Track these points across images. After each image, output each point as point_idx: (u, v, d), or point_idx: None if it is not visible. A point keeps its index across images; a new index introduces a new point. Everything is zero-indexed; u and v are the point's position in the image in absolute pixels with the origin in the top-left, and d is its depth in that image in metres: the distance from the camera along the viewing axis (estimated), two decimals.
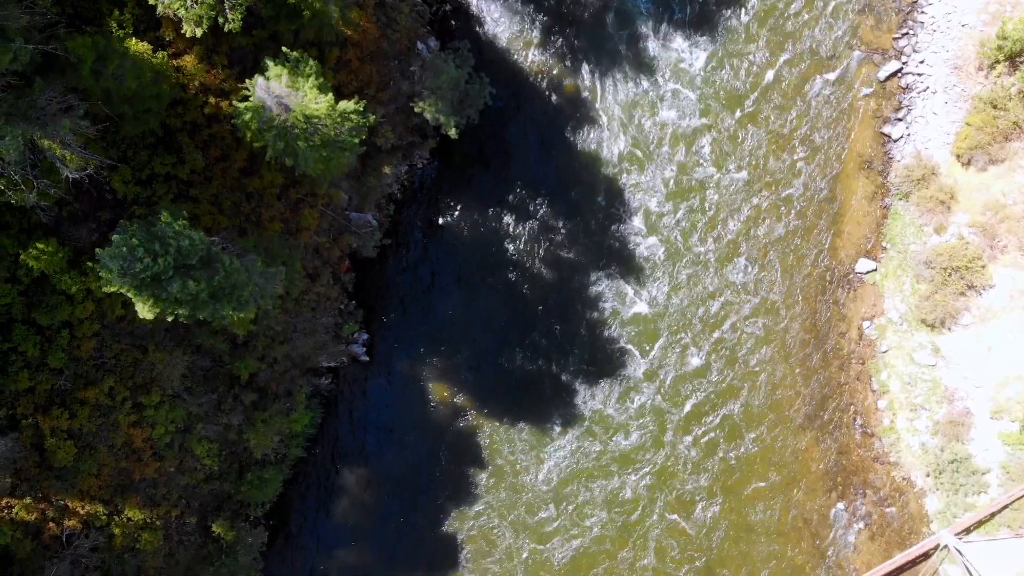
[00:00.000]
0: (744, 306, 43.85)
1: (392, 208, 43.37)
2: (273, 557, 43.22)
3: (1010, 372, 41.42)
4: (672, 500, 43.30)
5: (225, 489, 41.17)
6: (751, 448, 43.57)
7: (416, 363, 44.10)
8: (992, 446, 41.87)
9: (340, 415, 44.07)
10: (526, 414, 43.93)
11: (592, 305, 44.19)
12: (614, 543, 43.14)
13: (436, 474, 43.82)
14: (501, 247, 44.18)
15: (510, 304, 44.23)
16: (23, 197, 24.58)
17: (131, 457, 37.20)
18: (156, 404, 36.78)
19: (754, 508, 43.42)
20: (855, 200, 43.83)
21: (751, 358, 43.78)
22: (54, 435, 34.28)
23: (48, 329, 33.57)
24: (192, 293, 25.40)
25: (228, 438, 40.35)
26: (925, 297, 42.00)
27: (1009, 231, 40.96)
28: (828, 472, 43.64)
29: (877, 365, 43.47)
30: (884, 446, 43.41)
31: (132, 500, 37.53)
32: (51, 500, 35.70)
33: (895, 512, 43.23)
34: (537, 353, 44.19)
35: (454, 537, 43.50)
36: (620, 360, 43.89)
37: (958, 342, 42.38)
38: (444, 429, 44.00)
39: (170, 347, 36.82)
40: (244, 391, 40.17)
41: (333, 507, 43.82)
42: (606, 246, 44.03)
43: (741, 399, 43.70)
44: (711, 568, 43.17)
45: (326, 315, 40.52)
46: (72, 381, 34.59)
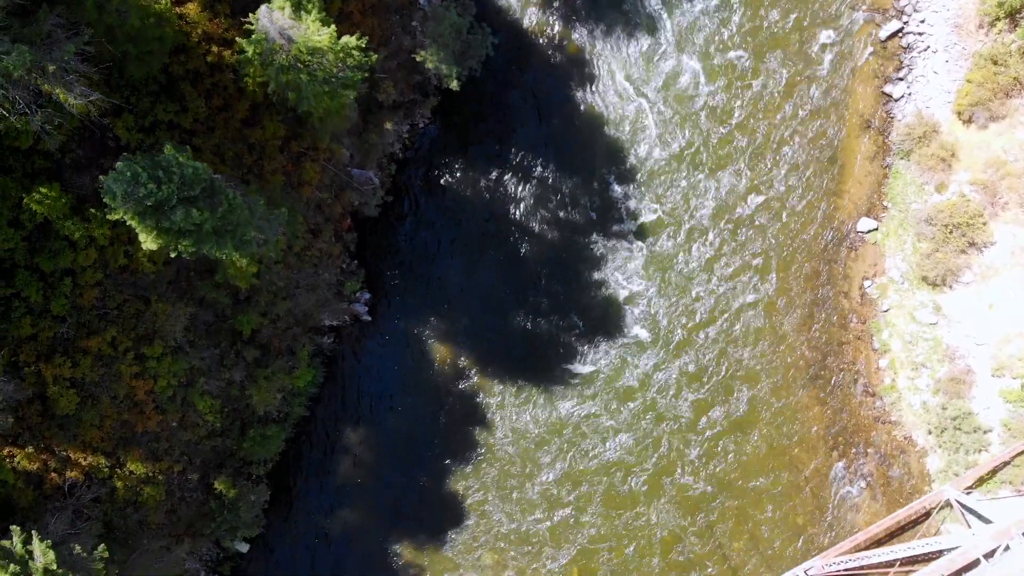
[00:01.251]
0: (745, 267, 43.89)
1: (393, 168, 43.45)
2: (275, 515, 43.24)
3: (1012, 329, 41.45)
4: (672, 459, 43.31)
5: (227, 446, 41.19)
6: (751, 408, 43.58)
7: (418, 323, 44.15)
8: (994, 404, 41.88)
9: (343, 375, 44.12)
10: (528, 375, 43.96)
11: (595, 266, 44.23)
12: (612, 501, 43.15)
13: (438, 434, 43.85)
14: (503, 208, 44.25)
15: (512, 265, 44.29)
16: (27, 121, 24.62)
17: (133, 409, 37.22)
18: (158, 356, 36.82)
19: (754, 468, 43.41)
20: (856, 160, 43.91)
21: (752, 318, 43.82)
22: (56, 383, 34.30)
23: (51, 276, 33.63)
24: (196, 223, 25.46)
25: (230, 394, 40.37)
26: (926, 255, 42.04)
27: (1010, 188, 41.01)
28: (829, 431, 43.66)
29: (878, 324, 43.51)
30: (885, 405, 43.43)
31: (134, 453, 37.55)
32: (53, 450, 35.75)
33: (896, 471, 43.23)
34: (539, 314, 44.23)
35: (456, 496, 43.53)
36: (622, 321, 43.94)
37: (959, 300, 42.42)
38: (446, 389, 44.04)
39: (173, 299, 36.88)
40: (246, 347, 40.23)
41: (335, 466, 43.86)
42: (609, 207, 44.10)
43: (741, 360, 43.73)
44: (712, 527, 43.16)
45: (328, 271, 40.59)
46: (75, 330, 34.64)
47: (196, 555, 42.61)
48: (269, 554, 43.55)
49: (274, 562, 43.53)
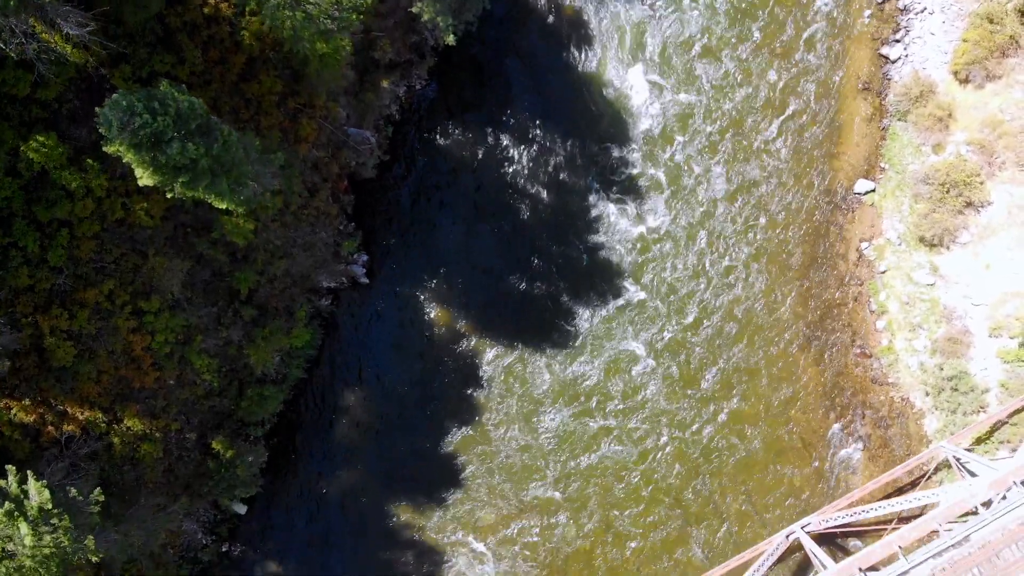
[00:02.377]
0: (743, 229, 43.92)
1: (390, 130, 43.52)
2: (273, 477, 43.28)
3: (1009, 289, 41.45)
4: (669, 421, 43.32)
5: (225, 406, 41.22)
6: (747, 370, 43.58)
7: (416, 286, 44.20)
8: (991, 365, 41.87)
9: (340, 337, 44.17)
10: (525, 337, 43.98)
11: (592, 228, 44.27)
12: (609, 461, 43.15)
13: (436, 396, 43.88)
14: (500, 170, 44.30)
15: (509, 228, 44.33)
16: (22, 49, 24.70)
17: (130, 365, 37.26)
18: (156, 311, 36.86)
19: (752, 429, 43.42)
20: (853, 122, 43.96)
21: (749, 280, 43.83)
22: (53, 334, 34.37)
23: (48, 226, 33.73)
24: (191, 158, 25.50)
25: (228, 354, 40.39)
26: (923, 215, 42.07)
27: (1007, 147, 41.03)
28: (826, 393, 43.66)
29: (875, 286, 43.52)
30: (882, 367, 43.44)
31: (131, 410, 37.58)
32: (50, 404, 35.82)
33: (894, 433, 43.23)
34: (536, 276, 44.26)
35: (453, 457, 43.56)
36: (619, 281, 43.96)
37: (956, 261, 42.43)
38: (444, 351, 44.07)
39: (170, 254, 36.93)
40: (244, 307, 40.25)
41: (333, 428, 43.90)
42: (605, 169, 44.16)
43: (738, 320, 43.75)
44: (708, 489, 43.14)
45: (325, 231, 40.64)
46: (72, 281, 34.70)
47: (194, 516, 42.71)
48: (266, 516, 43.59)
49: (271, 524, 43.56)
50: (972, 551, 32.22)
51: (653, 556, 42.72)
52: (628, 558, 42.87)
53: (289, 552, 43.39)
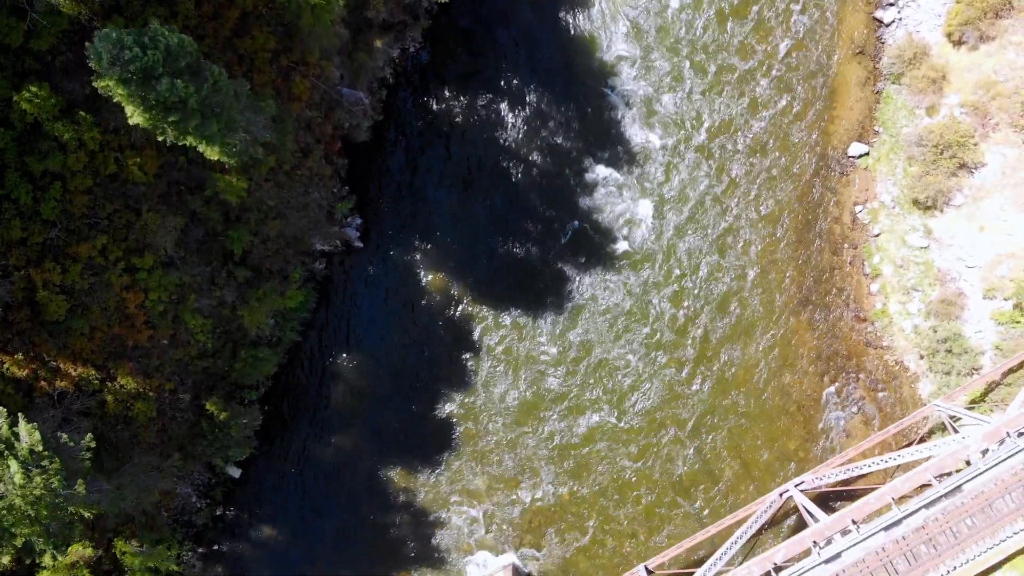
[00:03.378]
0: (738, 193, 43.94)
1: (384, 93, 43.55)
2: (267, 442, 43.26)
3: (1003, 250, 41.43)
4: (663, 384, 43.29)
5: (219, 367, 41.20)
6: (742, 334, 43.56)
7: (410, 250, 44.21)
8: (985, 327, 41.83)
9: (335, 301, 44.17)
10: (519, 301, 43.98)
11: (586, 192, 44.29)
12: (604, 427, 43.13)
13: (429, 361, 43.87)
14: (495, 134, 44.33)
15: (504, 192, 44.35)
16: None
17: (124, 323, 37.27)
18: (149, 268, 36.87)
19: (745, 394, 43.37)
20: (847, 86, 43.98)
21: (745, 244, 43.84)
22: (46, 288, 34.40)
23: (41, 179, 33.79)
24: (181, 96, 25.51)
25: (222, 315, 40.40)
26: (917, 178, 42.06)
27: (1001, 108, 41.02)
28: (820, 357, 43.63)
29: (869, 249, 43.52)
30: (876, 330, 43.41)
31: (125, 367, 37.59)
32: (43, 359, 35.86)
33: (888, 396, 43.20)
34: (530, 240, 44.26)
35: (447, 422, 43.53)
36: (614, 246, 43.96)
37: (950, 223, 42.43)
38: (438, 315, 44.06)
39: (164, 211, 36.94)
40: (238, 268, 40.27)
41: (327, 393, 43.86)
42: (601, 133, 44.18)
43: (733, 285, 43.74)
44: (702, 452, 43.09)
45: (318, 191, 40.63)
46: (65, 236, 34.73)
47: (188, 479, 42.71)
48: (260, 480, 43.56)
49: (265, 488, 43.54)
50: (965, 501, 32.16)
51: (647, 519, 42.65)
52: (622, 521, 42.80)
53: (283, 516, 43.36)
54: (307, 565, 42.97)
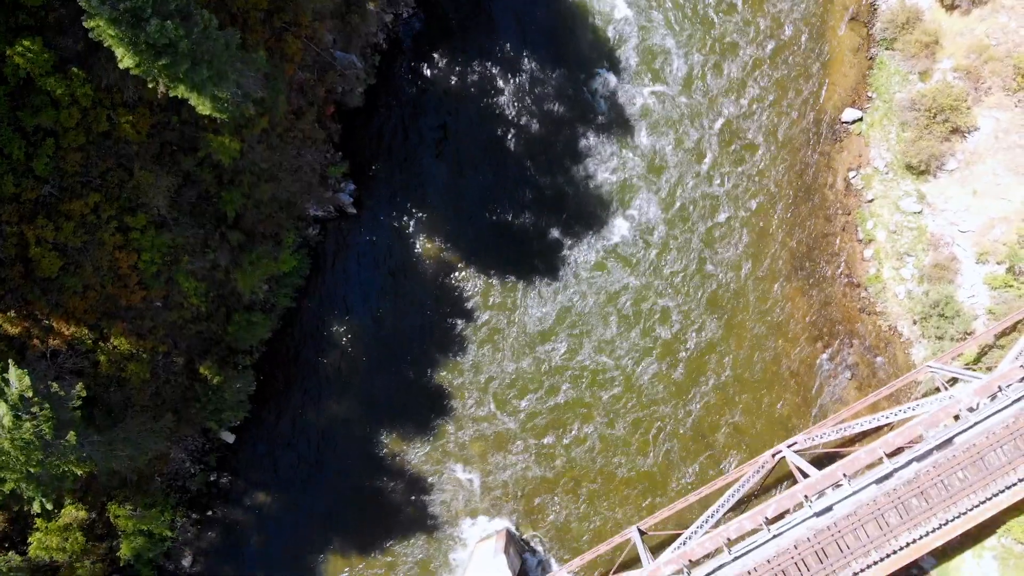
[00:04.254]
0: (731, 161, 43.98)
1: (378, 59, 43.63)
2: (261, 408, 43.31)
3: (996, 214, 41.44)
4: (657, 350, 43.30)
5: (213, 331, 41.25)
6: (735, 301, 43.60)
7: (404, 217, 44.27)
8: (979, 292, 41.83)
9: (328, 268, 44.22)
10: (513, 268, 44.02)
11: (580, 159, 44.35)
12: (597, 393, 43.14)
13: (424, 327, 43.91)
14: (489, 101, 44.39)
15: (499, 159, 44.41)
16: None
17: (117, 283, 37.31)
18: (142, 227, 36.91)
19: (738, 360, 43.39)
20: (841, 52, 44.05)
21: (737, 210, 43.87)
22: (39, 245, 34.46)
23: (34, 135, 33.86)
24: (170, 39, 25.59)
25: (215, 278, 40.45)
26: (910, 143, 42.08)
27: (993, 72, 41.05)
28: (813, 323, 43.63)
29: (863, 215, 43.53)
30: (870, 296, 43.42)
31: (118, 327, 37.61)
32: (36, 317, 35.90)
33: (881, 362, 43.18)
34: (524, 208, 44.32)
35: (442, 388, 43.56)
36: (608, 213, 44.00)
37: (943, 188, 42.44)
38: (432, 282, 44.11)
39: (157, 171, 37.00)
40: (231, 231, 40.32)
41: (322, 359, 43.90)
42: (595, 98, 44.24)
43: (726, 251, 43.76)
44: (696, 418, 43.07)
45: (311, 153, 40.68)
46: (58, 193, 34.81)
47: (182, 445, 42.77)
48: (255, 446, 43.60)
49: (260, 454, 43.57)
50: (956, 454, 32.13)
51: (639, 485, 42.63)
52: (615, 488, 42.80)
53: (277, 482, 43.38)
54: (301, 531, 42.96)
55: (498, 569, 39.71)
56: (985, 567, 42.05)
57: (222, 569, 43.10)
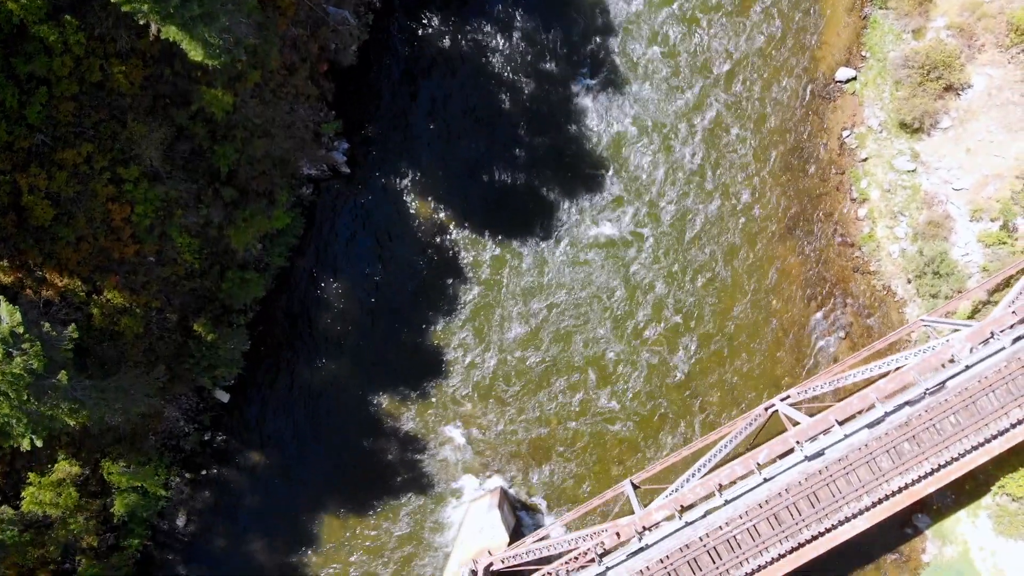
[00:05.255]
0: (726, 117, 44.02)
1: (371, 17, 43.69)
2: (255, 368, 43.34)
3: (989, 171, 41.44)
4: (650, 310, 43.28)
5: (206, 288, 41.25)
6: (729, 261, 43.58)
7: (397, 177, 44.30)
8: (972, 249, 41.80)
9: (322, 228, 44.25)
10: (508, 228, 44.04)
11: (574, 119, 44.37)
12: (592, 352, 43.15)
13: (418, 287, 43.93)
14: (483, 60, 44.43)
15: (493, 119, 44.45)
16: None
17: (110, 236, 37.37)
18: (135, 179, 36.98)
19: (731, 320, 43.36)
20: (835, 11, 44.06)
21: (731, 170, 43.88)
22: (32, 193, 34.53)
23: (27, 83, 33.94)
24: None
25: (209, 235, 40.47)
26: (904, 100, 42.08)
27: (986, 29, 41.07)
28: (807, 282, 43.62)
29: (857, 174, 43.54)
30: (864, 255, 43.41)
31: (111, 281, 37.66)
32: (29, 267, 36.01)
33: (875, 321, 43.15)
34: (518, 168, 44.35)
35: (436, 348, 43.56)
36: (601, 172, 44.03)
37: (937, 146, 42.44)
38: (426, 243, 44.14)
39: (150, 123, 37.06)
40: (224, 187, 40.36)
41: (316, 319, 43.93)
42: (590, 60, 44.27)
43: (719, 211, 43.77)
44: (688, 378, 43.06)
45: (304, 109, 40.72)
46: (51, 142, 34.89)
47: (176, 403, 42.76)
48: (249, 406, 43.60)
49: (254, 413, 43.57)
50: (949, 398, 32.11)
51: (634, 445, 42.60)
52: (609, 448, 42.78)
53: (271, 442, 43.39)
54: (295, 490, 42.95)
55: (493, 524, 39.72)
56: (981, 526, 42.12)
57: (216, 528, 43.10)
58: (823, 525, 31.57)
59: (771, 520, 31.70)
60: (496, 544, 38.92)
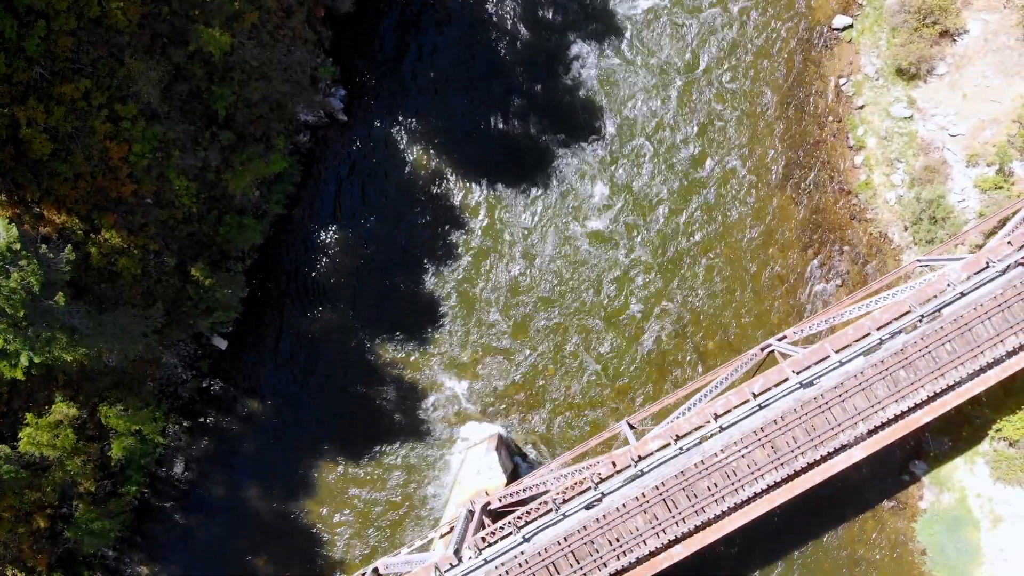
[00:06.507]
0: (723, 67, 44.13)
1: None
2: (254, 315, 43.40)
3: (985, 116, 41.52)
4: (646, 258, 43.34)
5: (204, 233, 41.32)
6: (725, 208, 43.65)
7: (394, 125, 44.39)
8: (969, 196, 41.88)
9: (320, 175, 44.35)
10: (504, 174, 44.13)
11: (572, 66, 44.49)
12: (588, 301, 43.19)
13: (415, 236, 43.99)
14: (480, 8, 44.53)
15: (489, 67, 44.57)
16: None
17: (108, 175, 37.44)
18: (132, 117, 37.04)
19: (728, 268, 43.40)
20: None
21: (728, 119, 43.98)
22: (30, 125, 34.62)
23: (26, 16, 34.04)
24: None
25: (206, 179, 40.53)
26: (900, 46, 42.19)
27: None
28: (804, 230, 43.67)
29: (853, 121, 43.62)
30: (860, 202, 43.47)
31: (108, 219, 37.70)
32: (27, 203, 36.07)
33: (871, 269, 43.19)
34: (515, 116, 44.44)
35: (432, 295, 43.62)
36: (598, 119, 44.12)
37: (933, 93, 42.53)
38: (423, 191, 44.22)
39: (147, 61, 37.16)
40: (222, 131, 40.45)
41: (314, 267, 44.00)
42: (586, 6, 44.37)
43: (716, 160, 43.85)
44: (684, 327, 43.09)
45: (301, 52, 40.83)
46: (49, 77, 34.98)
47: (173, 350, 42.82)
48: (247, 353, 43.64)
49: (252, 361, 43.61)
50: (944, 325, 32.13)
51: (629, 392, 42.62)
52: (606, 395, 42.80)
53: (269, 390, 43.41)
54: (293, 438, 42.98)
55: (490, 466, 39.75)
56: (978, 472, 42.12)
57: (214, 476, 43.12)
58: (819, 453, 31.56)
59: (767, 447, 31.70)
60: (494, 485, 38.94)
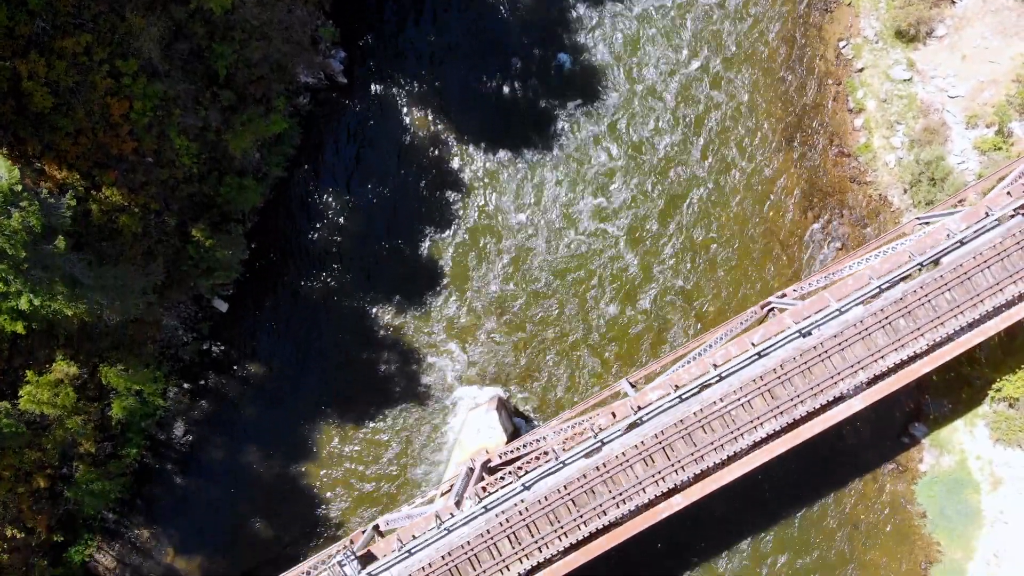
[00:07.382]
0: (723, 30, 44.20)
1: None
2: (255, 277, 43.47)
3: (984, 78, 41.60)
4: (646, 225, 43.39)
5: (205, 193, 41.38)
6: (726, 171, 43.71)
7: (395, 88, 44.48)
8: (968, 158, 41.94)
9: (320, 138, 44.41)
10: (505, 140, 44.19)
11: (573, 31, 44.57)
12: (587, 267, 43.26)
13: (416, 200, 44.06)
14: None
15: (490, 29, 44.65)
16: None
17: (109, 131, 37.47)
18: (133, 74, 37.11)
19: (728, 232, 43.45)
20: None
21: (727, 82, 44.04)
22: (31, 79, 34.70)
23: None
24: None
25: (207, 139, 40.61)
26: (900, 8, 42.29)
27: None
28: (804, 193, 43.73)
29: (853, 84, 43.67)
30: (860, 165, 43.52)
31: (109, 176, 37.76)
32: (28, 157, 36.11)
33: (871, 232, 43.22)
34: (516, 79, 44.52)
35: (432, 259, 43.68)
36: (600, 86, 44.18)
37: (933, 55, 42.60)
38: (424, 155, 44.29)
39: (148, 16, 37.26)
40: (222, 91, 40.54)
41: (315, 231, 44.06)
42: None
43: (716, 124, 43.89)
44: (687, 291, 43.12)
45: (301, 10, 40.94)
46: (51, 30, 35.07)
47: (174, 312, 42.89)
48: (248, 316, 43.70)
49: (252, 324, 43.68)
50: (944, 274, 32.16)
51: (630, 356, 42.65)
52: (606, 360, 42.82)
53: (270, 352, 43.47)
54: (293, 401, 43.01)
55: (491, 425, 39.76)
56: (978, 435, 42.11)
57: (214, 439, 43.16)
58: (818, 401, 31.57)
59: (766, 396, 31.72)
60: (494, 444, 38.94)
